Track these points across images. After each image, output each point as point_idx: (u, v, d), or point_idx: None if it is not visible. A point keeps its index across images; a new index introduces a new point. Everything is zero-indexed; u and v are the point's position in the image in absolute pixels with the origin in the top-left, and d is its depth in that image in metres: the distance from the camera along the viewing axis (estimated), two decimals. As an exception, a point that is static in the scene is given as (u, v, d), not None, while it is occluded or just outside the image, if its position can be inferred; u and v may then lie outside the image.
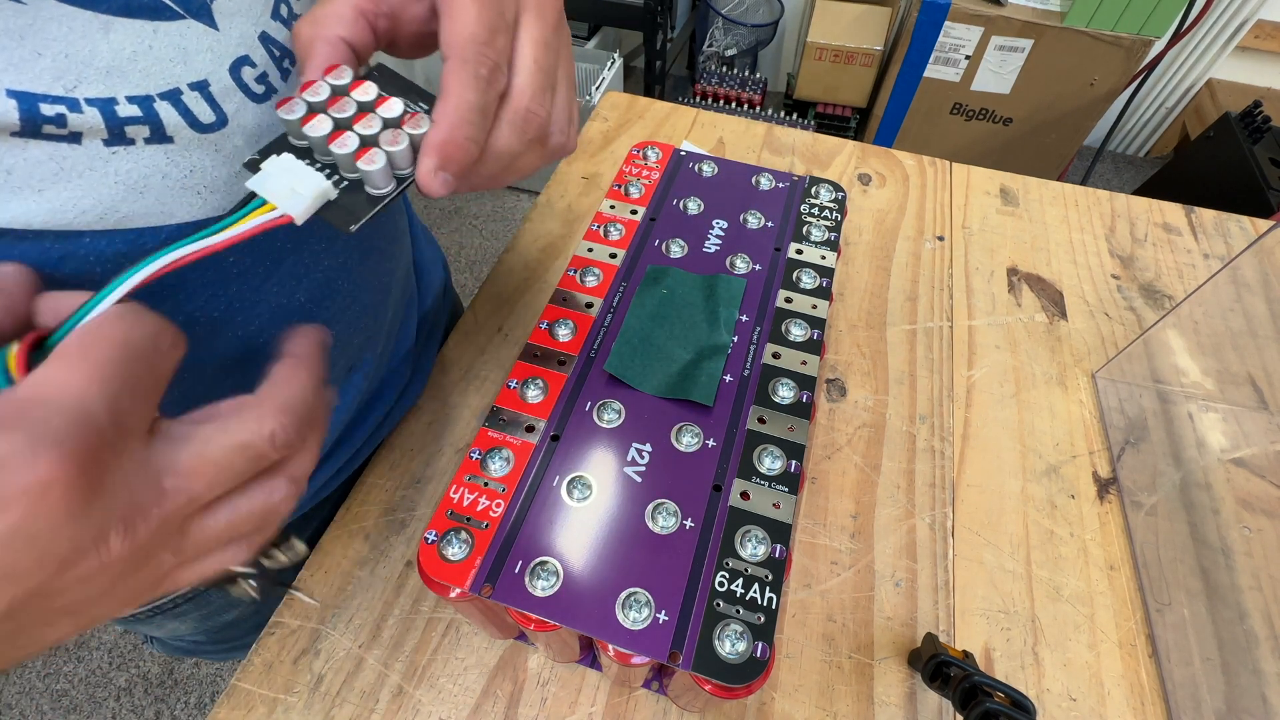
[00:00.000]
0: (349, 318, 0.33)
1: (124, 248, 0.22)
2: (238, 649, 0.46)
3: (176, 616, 0.39)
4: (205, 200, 0.24)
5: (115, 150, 0.21)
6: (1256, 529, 0.35)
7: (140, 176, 0.22)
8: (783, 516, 0.26)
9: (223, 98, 0.24)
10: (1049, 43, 1.33)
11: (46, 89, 0.19)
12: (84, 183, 0.21)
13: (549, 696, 0.31)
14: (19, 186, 0.20)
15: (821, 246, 0.36)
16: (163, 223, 0.23)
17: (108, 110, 0.21)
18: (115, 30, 0.21)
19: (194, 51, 0.23)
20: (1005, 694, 0.26)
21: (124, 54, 0.21)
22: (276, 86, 0.25)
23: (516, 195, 1.74)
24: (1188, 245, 0.52)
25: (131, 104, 0.21)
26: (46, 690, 1.03)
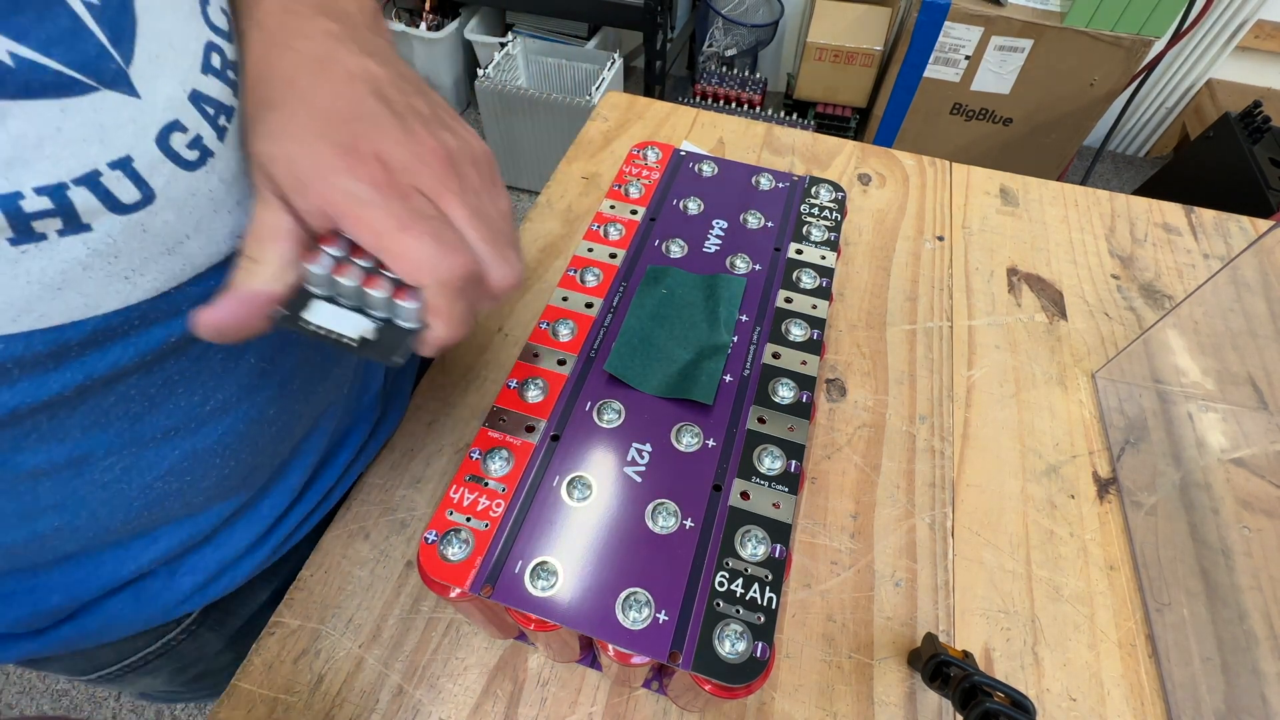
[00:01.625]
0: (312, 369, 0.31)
1: (42, 347, 0.20)
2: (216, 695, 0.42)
3: (149, 673, 0.38)
4: (135, 285, 0.22)
5: (24, 249, 0.19)
6: (1256, 529, 0.35)
7: (56, 272, 0.20)
8: (783, 516, 0.26)
9: (149, 172, 0.21)
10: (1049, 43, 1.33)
11: None
12: None
13: (549, 696, 0.31)
14: None
15: (821, 246, 0.36)
16: (87, 315, 0.21)
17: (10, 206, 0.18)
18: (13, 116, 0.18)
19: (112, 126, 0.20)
20: (1005, 694, 0.26)
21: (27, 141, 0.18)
22: (212, 149, 0.23)
23: (517, 195, 1.74)
24: (1188, 245, 0.52)
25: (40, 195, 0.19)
26: (47, 690, 1.03)
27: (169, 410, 0.25)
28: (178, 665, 0.38)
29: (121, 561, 0.29)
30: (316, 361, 0.31)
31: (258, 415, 0.28)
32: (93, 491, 0.25)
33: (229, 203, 0.24)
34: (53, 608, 0.28)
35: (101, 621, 0.30)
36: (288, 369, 0.29)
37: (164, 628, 0.35)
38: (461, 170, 0.23)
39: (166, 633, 0.35)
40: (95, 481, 0.25)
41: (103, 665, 0.36)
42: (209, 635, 0.37)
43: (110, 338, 0.22)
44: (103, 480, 0.25)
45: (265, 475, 0.31)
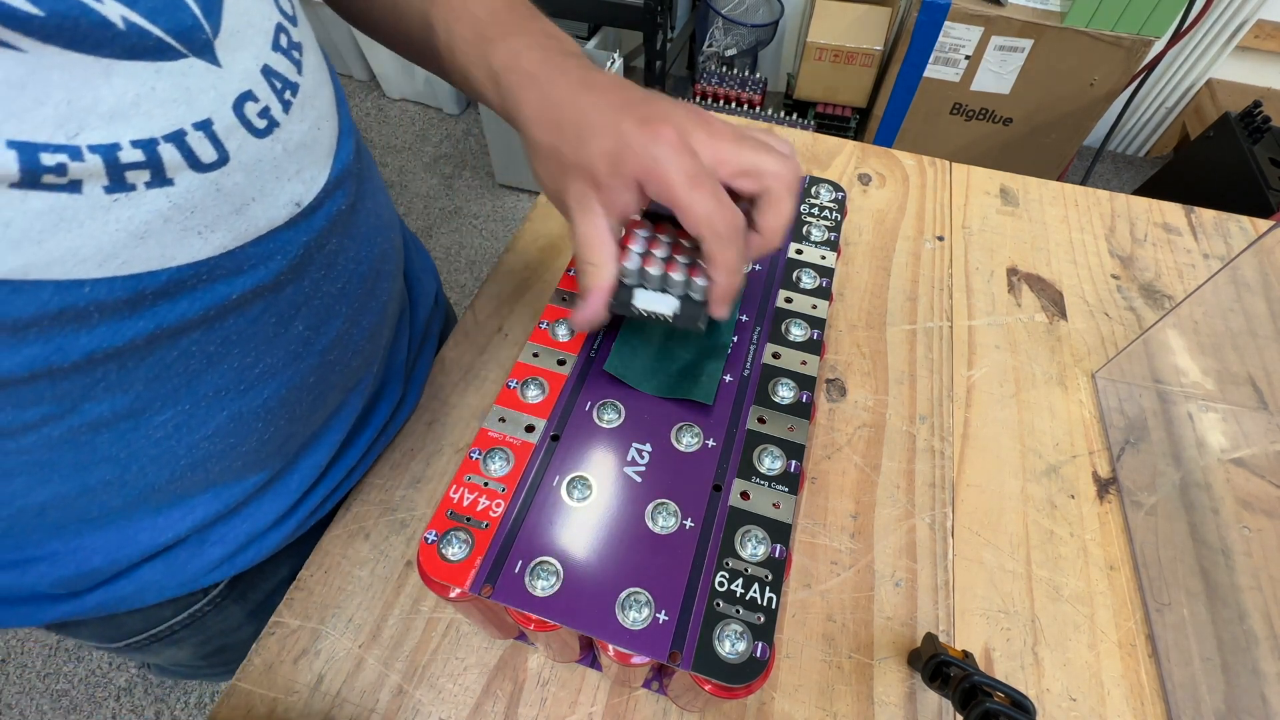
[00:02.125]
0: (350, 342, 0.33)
1: (123, 294, 0.22)
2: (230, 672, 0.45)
3: (174, 643, 0.39)
4: (206, 240, 0.24)
5: (116, 197, 0.21)
6: (1256, 529, 0.35)
7: (141, 222, 0.22)
8: (783, 516, 0.26)
9: (225, 135, 0.23)
10: (1049, 43, 1.33)
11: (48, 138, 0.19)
12: (84, 232, 0.20)
13: (549, 696, 0.31)
14: (18, 240, 0.19)
15: (821, 246, 0.36)
16: (162, 266, 0.23)
17: (110, 156, 0.20)
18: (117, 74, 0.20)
19: (197, 91, 0.23)
20: (1005, 694, 0.26)
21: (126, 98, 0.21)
22: (278, 120, 0.25)
23: (516, 195, 1.74)
24: (1188, 245, 0.52)
25: (135, 148, 0.21)
26: (47, 690, 1.03)
27: (223, 370, 0.27)
28: (202, 637, 0.40)
29: (159, 529, 0.30)
30: (354, 335, 0.33)
31: (299, 382, 0.30)
32: (145, 446, 0.27)
33: (289, 171, 0.26)
34: (93, 569, 0.30)
35: (135, 586, 0.32)
36: (329, 339, 0.32)
37: (191, 598, 0.36)
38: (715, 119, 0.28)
39: (194, 603, 0.37)
40: (149, 436, 0.27)
41: (131, 633, 0.37)
42: (233, 608, 0.39)
43: (180, 290, 0.24)
44: (155, 435, 0.27)
45: (297, 446, 0.33)
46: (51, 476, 0.26)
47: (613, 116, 0.27)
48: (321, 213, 0.29)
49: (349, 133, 0.32)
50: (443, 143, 1.85)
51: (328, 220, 0.29)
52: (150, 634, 0.38)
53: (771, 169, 0.27)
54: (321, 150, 0.29)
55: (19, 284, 0.20)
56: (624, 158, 0.26)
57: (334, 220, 0.30)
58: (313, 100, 0.28)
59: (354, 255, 0.32)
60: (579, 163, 0.27)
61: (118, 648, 0.39)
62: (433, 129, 1.89)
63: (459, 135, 1.88)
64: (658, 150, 0.26)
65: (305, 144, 0.27)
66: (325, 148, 0.29)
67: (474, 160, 1.82)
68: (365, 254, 0.33)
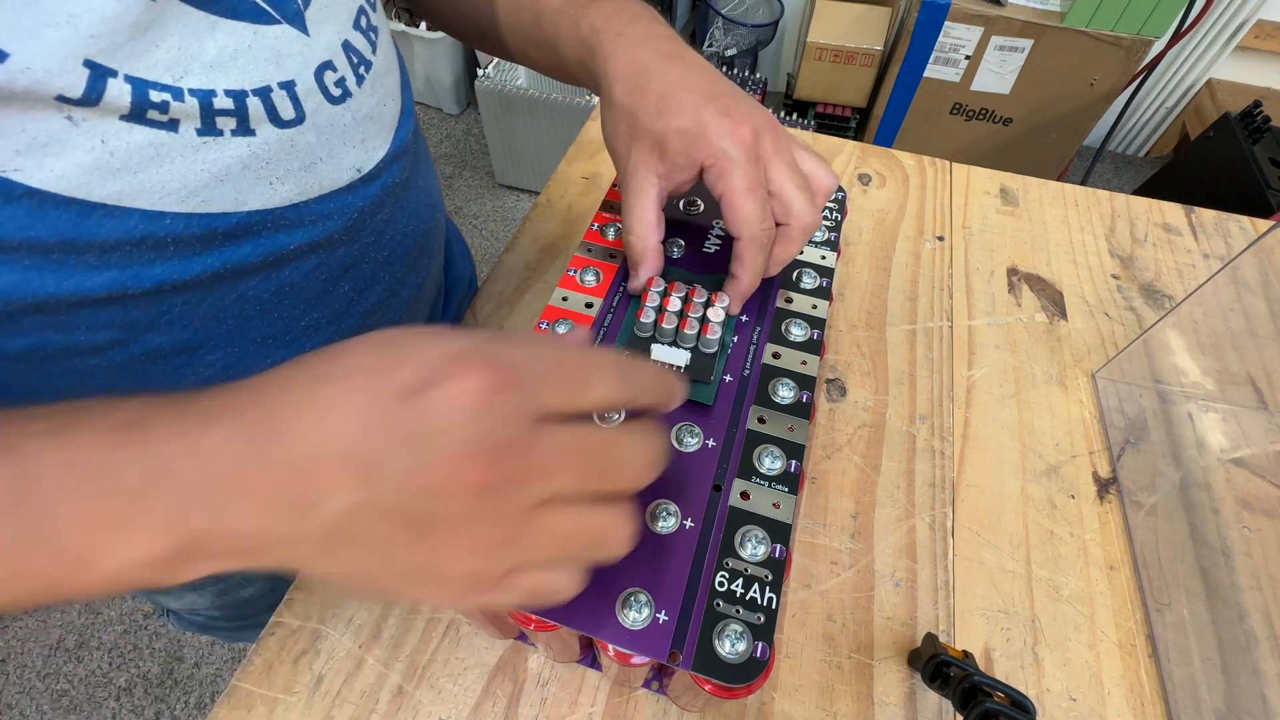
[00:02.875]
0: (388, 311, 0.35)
1: (197, 230, 0.24)
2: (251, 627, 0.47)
3: (195, 588, 0.41)
4: (275, 191, 0.26)
5: (205, 140, 0.23)
6: (1256, 529, 0.35)
7: (223, 165, 0.24)
8: (783, 516, 0.26)
9: (305, 97, 0.26)
10: (1049, 43, 1.33)
11: (158, 77, 0.21)
12: (174, 167, 0.23)
13: (549, 697, 0.31)
14: (119, 168, 0.22)
15: (821, 246, 0.36)
16: (235, 209, 0.25)
17: (206, 101, 0.23)
18: (221, 30, 0.23)
19: (286, 54, 0.25)
20: (1005, 694, 0.26)
21: (227, 51, 0.23)
22: (351, 91, 0.28)
23: (516, 195, 1.74)
24: (1188, 245, 0.52)
25: (228, 97, 0.23)
26: (46, 690, 1.03)
27: (273, 319, 0.29)
28: (222, 586, 0.41)
29: None
30: (393, 304, 0.35)
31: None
32: (194, 382, 0.28)
33: (355, 139, 0.29)
34: None
35: None
36: (370, 304, 0.34)
37: None
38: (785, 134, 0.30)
39: None
40: (198, 373, 0.28)
41: None
42: None
43: (246, 233, 0.26)
44: (204, 373, 0.28)
45: None
46: None
47: (697, 99, 0.28)
48: (379, 182, 0.31)
49: (409, 115, 0.34)
50: (443, 143, 1.85)
51: (383, 190, 0.32)
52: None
53: (799, 210, 0.29)
54: (385, 125, 0.31)
55: (112, 209, 0.22)
56: (698, 143, 0.28)
57: (389, 191, 0.32)
58: (383, 79, 0.31)
59: (402, 228, 0.34)
60: (653, 130, 0.28)
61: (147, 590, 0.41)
62: (433, 129, 1.89)
63: (459, 135, 1.88)
64: (731, 148, 0.27)
65: (372, 116, 0.30)
66: (388, 123, 0.32)
67: (474, 160, 1.82)
68: (412, 229, 0.35)
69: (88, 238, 0.22)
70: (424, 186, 0.37)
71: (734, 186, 0.27)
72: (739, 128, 0.28)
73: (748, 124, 0.28)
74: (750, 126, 0.28)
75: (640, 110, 0.29)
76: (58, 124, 0.20)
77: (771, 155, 0.29)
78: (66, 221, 0.21)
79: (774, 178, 0.29)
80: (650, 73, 0.29)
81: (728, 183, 0.28)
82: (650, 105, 0.28)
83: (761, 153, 0.28)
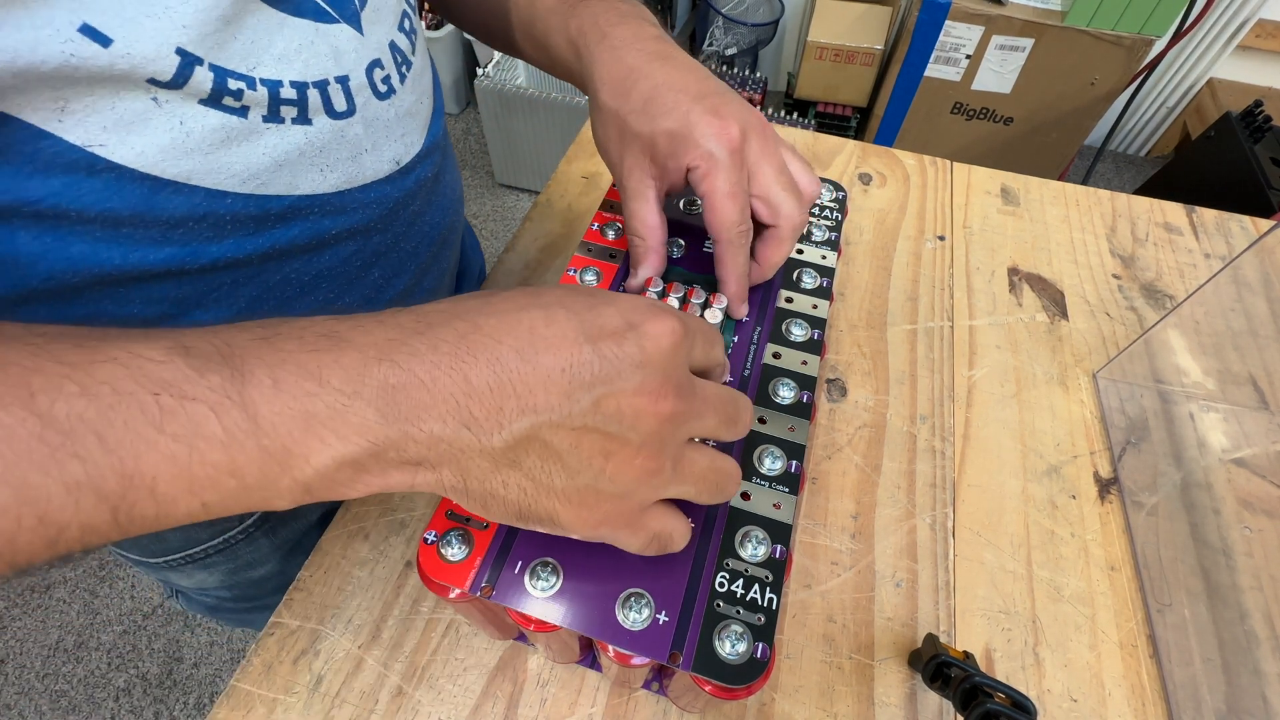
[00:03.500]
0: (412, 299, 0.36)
1: (255, 210, 0.26)
2: (258, 610, 0.47)
3: (206, 567, 0.41)
4: (325, 177, 0.28)
5: (269, 126, 0.25)
6: (1257, 529, 0.35)
7: (283, 151, 0.26)
8: (783, 517, 0.26)
9: (356, 92, 0.28)
10: (1050, 42, 1.33)
11: (235, 66, 0.23)
12: (240, 150, 0.24)
13: (549, 697, 0.31)
14: (193, 148, 0.23)
15: (822, 246, 0.36)
16: (288, 193, 0.27)
17: (274, 90, 0.24)
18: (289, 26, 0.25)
19: (344, 51, 0.27)
20: (1006, 694, 0.26)
21: (293, 46, 0.25)
22: (395, 88, 0.30)
23: (516, 195, 1.74)
24: (1189, 245, 0.52)
25: (292, 88, 0.25)
26: (45, 691, 1.03)
27: (310, 301, 0.31)
28: (232, 565, 0.42)
29: None
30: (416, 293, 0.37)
31: None
32: None
33: (396, 133, 0.31)
34: None
35: None
36: (396, 291, 0.35)
37: (226, 523, 0.39)
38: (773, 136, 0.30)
39: (228, 528, 0.39)
40: None
41: (171, 550, 0.40)
42: (263, 541, 0.42)
43: (296, 216, 0.28)
44: None
45: None
46: None
47: (684, 99, 0.28)
48: (413, 175, 0.33)
49: (440, 113, 0.36)
50: (443, 142, 1.85)
51: (417, 183, 0.33)
52: (186, 554, 0.40)
53: (787, 212, 0.29)
54: (421, 120, 0.33)
55: (181, 185, 0.24)
56: (684, 144, 0.28)
57: (421, 184, 0.34)
58: (420, 78, 0.33)
59: (431, 220, 0.36)
60: (641, 134, 0.29)
61: (157, 563, 0.41)
62: (433, 128, 1.88)
63: (459, 135, 1.88)
64: (717, 150, 0.27)
65: (411, 112, 0.32)
66: (424, 119, 0.33)
67: (474, 160, 1.82)
68: (439, 221, 0.37)
69: (156, 212, 0.24)
70: (450, 182, 0.38)
71: (716, 189, 0.28)
72: (727, 128, 0.28)
73: (735, 124, 0.28)
74: (738, 126, 0.28)
75: (628, 114, 0.29)
76: (144, 104, 0.22)
77: (759, 157, 0.29)
78: (140, 196, 0.23)
79: (762, 180, 0.29)
80: (636, 74, 0.29)
81: (710, 184, 0.28)
82: (638, 108, 0.29)
83: (748, 154, 0.28)
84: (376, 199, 0.31)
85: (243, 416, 0.16)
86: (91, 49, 0.20)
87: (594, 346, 0.18)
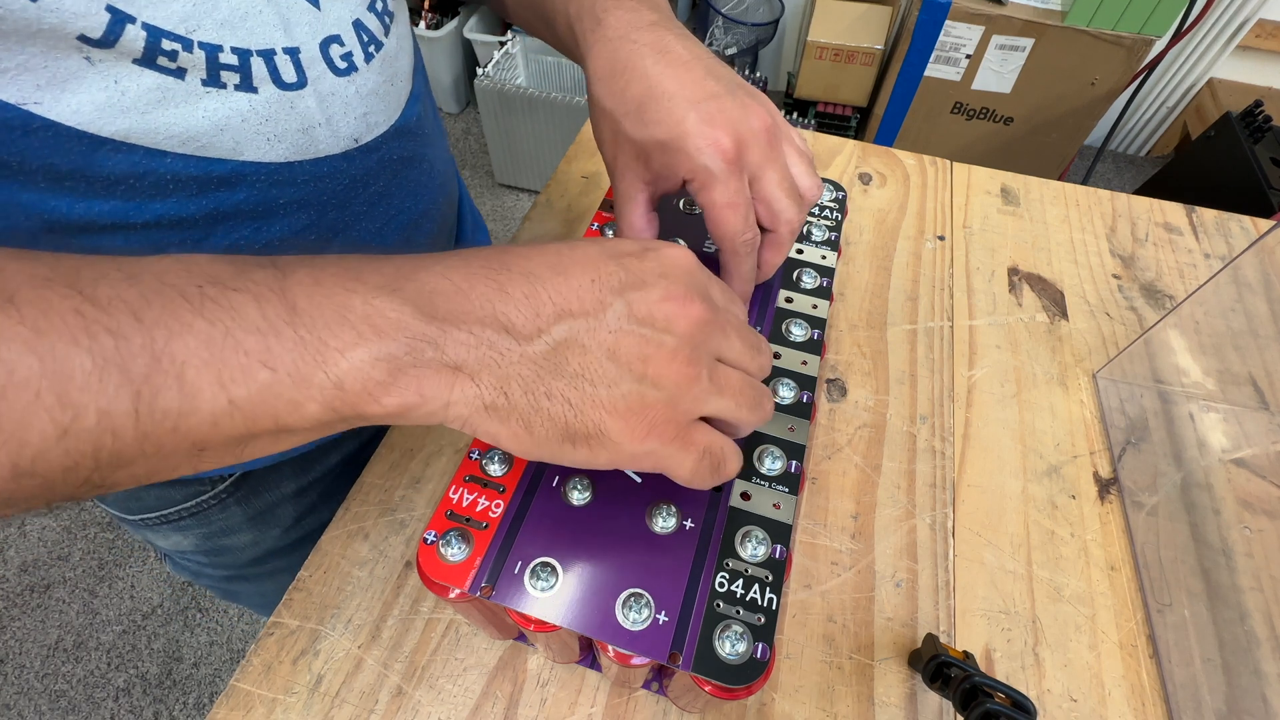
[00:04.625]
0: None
1: (196, 171, 0.26)
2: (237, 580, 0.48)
3: (180, 529, 0.42)
4: (273, 146, 0.28)
5: (209, 90, 0.25)
6: (1257, 529, 0.35)
7: (223, 116, 0.26)
8: (783, 517, 0.26)
9: (309, 65, 0.28)
10: (1050, 42, 1.33)
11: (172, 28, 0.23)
12: (178, 112, 0.24)
13: (549, 697, 0.31)
14: (129, 107, 0.23)
15: (822, 246, 0.36)
16: (232, 158, 0.27)
17: (212, 55, 0.24)
18: None
19: (295, 24, 0.27)
20: (1006, 694, 0.26)
21: (238, 13, 0.25)
22: (358, 66, 0.30)
23: (516, 195, 1.74)
24: (1189, 245, 0.52)
25: (233, 54, 0.25)
26: (45, 691, 1.03)
27: None
28: (205, 530, 0.42)
29: None
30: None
31: None
32: None
33: (357, 111, 0.30)
34: None
35: None
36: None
37: (199, 486, 0.39)
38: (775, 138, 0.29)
39: (201, 493, 0.40)
40: None
41: (148, 509, 0.40)
42: (235, 508, 0.42)
43: (241, 181, 0.27)
44: None
45: None
46: None
47: (678, 107, 0.27)
48: (377, 155, 0.32)
49: (418, 99, 0.36)
50: (443, 142, 1.85)
51: (380, 164, 0.33)
52: (161, 514, 0.40)
53: (788, 217, 0.29)
54: (390, 104, 0.33)
55: (119, 144, 0.24)
56: (678, 157, 0.27)
57: (385, 165, 0.33)
58: (392, 61, 0.32)
59: (399, 204, 0.36)
60: (634, 140, 0.28)
61: (134, 521, 0.42)
62: (433, 128, 1.88)
63: (458, 135, 1.88)
64: (711, 163, 0.27)
65: (377, 93, 0.31)
66: (394, 103, 0.33)
67: (474, 160, 1.82)
68: (409, 205, 0.37)
69: (96, 169, 0.24)
70: (427, 170, 0.38)
71: (715, 201, 0.27)
72: (721, 140, 0.26)
73: (730, 133, 0.27)
74: (732, 136, 0.27)
75: (621, 116, 0.28)
76: (76, 63, 0.22)
77: (761, 162, 0.28)
78: (79, 153, 0.23)
79: (762, 186, 0.28)
80: (630, 73, 0.28)
81: (708, 197, 0.27)
82: (631, 111, 0.28)
83: (748, 161, 0.27)
84: (330, 173, 0.30)
85: (283, 306, 0.17)
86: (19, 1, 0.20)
87: (618, 261, 0.21)
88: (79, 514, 1.20)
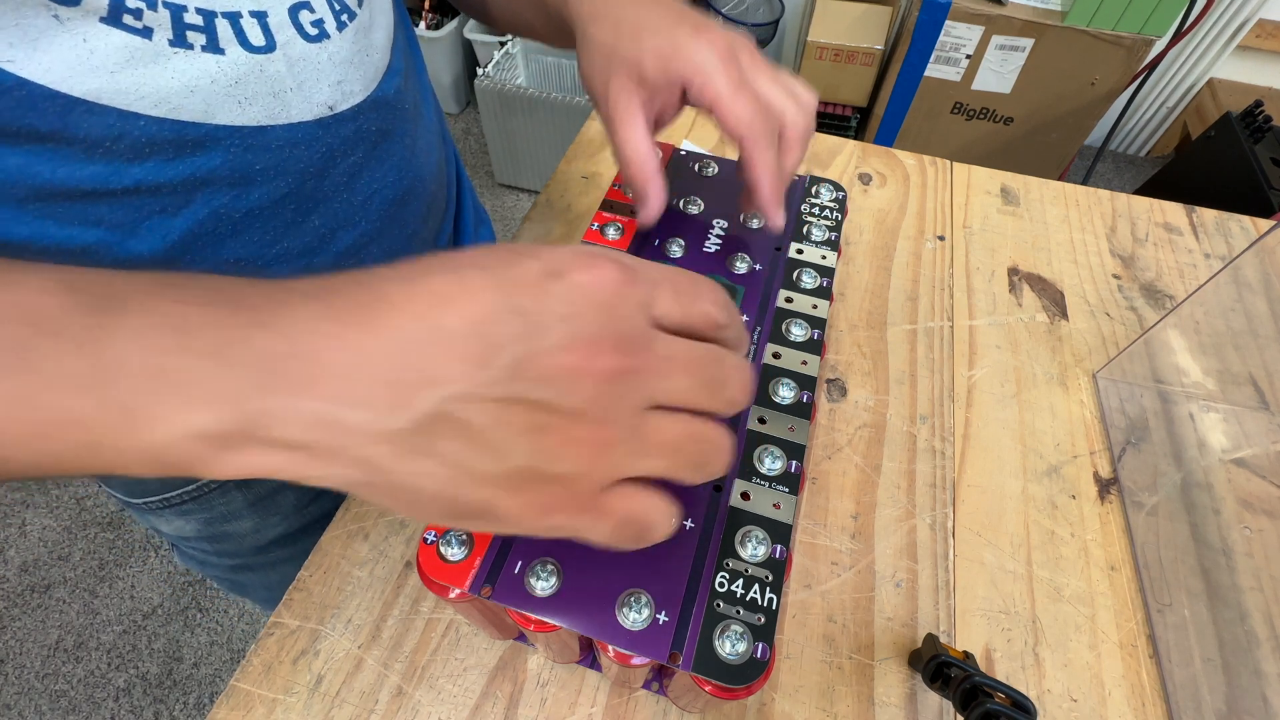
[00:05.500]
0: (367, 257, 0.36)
1: (170, 134, 0.26)
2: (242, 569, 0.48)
3: (183, 514, 0.42)
4: (244, 110, 0.28)
5: (177, 51, 0.25)
6: (1257, 529, 0.35)
7: (192, 77, 0.25)
8: (783, 517, 0.26)
9: (276, 29, 0.28)
10: (1050, 42, 1.33)
11: None
12: (147, 72, 0.24)
13: (549, 697, 0.31)
14: (98, 66, 0.23)
15: (822, 246, 0.36)
16: (204, 120, 0.27)
17: (177, 13, 0.24)
18: None
19: None
20: (1006, 694, 0.26)
21: None
22: (329, 33, 0.30)
23: (516, 195, 1.74)
24: (1189, 245, 0.52)
25: (198, 14, 0.25)
26: (45, 691, 1.03)
27: (245, 240, 0.30)
28: (207, 515, 0.42)
29: None
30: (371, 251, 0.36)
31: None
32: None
33: (330, 78, 0.30)
34: None
35: None
36: (344, 245, 0.35)
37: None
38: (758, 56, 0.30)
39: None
40: None
41: (150, 493, 0.40)
42: (236, 494, 0.42)
43: (215, 145, 0.27)
44: None
45: None
46: None
47: (669, 22, 0.29)
48: (351, 125, 0.32)
49: (398, 73, 0.35)
50: (443, 142, 1.85)
51: (356, 134, 0.33)
52: (163, 498, 0.40)
53: (791, 116, 0.29)
54: (365, 73, 0.33)
55: (92, 105, 0.24)
56: (674, 58, 0.28)
57: (363, 136, 0.33)
58: (367, 33, 0.32)
59: (380, 177, 0.35)
60: (629, 56, 0.29)
61: (137, 504, 0.42)
62: (433, 128, 1.88)
63: (458, 135, 1.88)
64: (706, 55, 0.28)
65: (350, 62, 0.31)
66: (369, 74, 0.33)
67: (473, 160, 1.82)
68: (391, 181, 0.36)
69: (73, 131, 0.24)
70: (410, 145, 0.38)
71: (720, 91, 0.28)
72: (712, 37, 0.29)
73: (721, 39, 0.29)
74: (724, 39, 0.29)
75: (615, 41, 0.30)
76: (46, 20, 0.22)
77: (750, 67, 0.29)
78: (54, 114, 0.23)
79: (760, 88, 0.29)
80: (623, 6, 0.30)
81: (714, 89, 0.28)
82: (625, 33, 0.30)
83: (740, 64, 0.29)
84: (304, 139, 0.31)
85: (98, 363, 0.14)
86: None
87: (508, 301, 0.16)
88: (79, 514, 1.20)
